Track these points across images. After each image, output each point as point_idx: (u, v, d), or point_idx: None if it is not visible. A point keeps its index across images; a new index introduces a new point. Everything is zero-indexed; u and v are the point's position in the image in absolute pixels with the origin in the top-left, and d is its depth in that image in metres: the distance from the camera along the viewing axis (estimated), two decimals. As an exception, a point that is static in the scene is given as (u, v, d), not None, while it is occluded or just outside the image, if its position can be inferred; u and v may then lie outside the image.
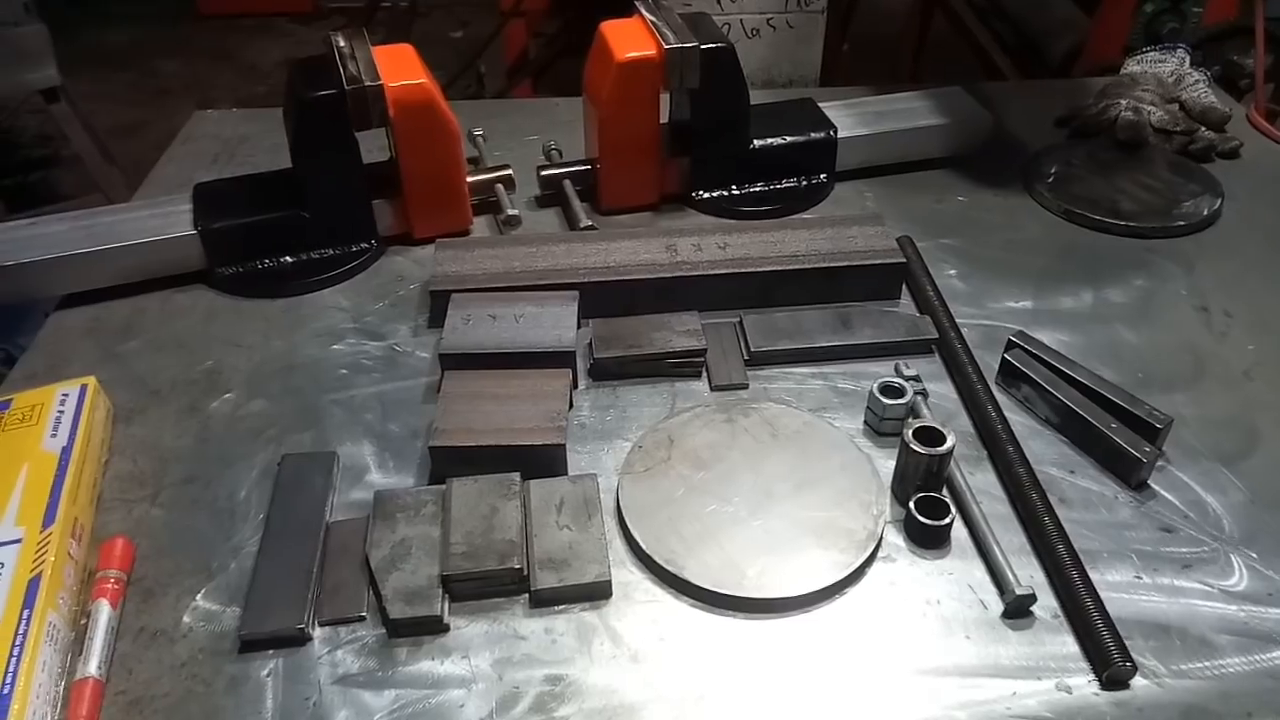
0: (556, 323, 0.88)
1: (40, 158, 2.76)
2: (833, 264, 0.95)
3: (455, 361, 0.85)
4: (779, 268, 0.95)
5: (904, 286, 0.98)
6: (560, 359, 0.85)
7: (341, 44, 1.01)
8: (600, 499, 0.74)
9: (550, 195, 1.14)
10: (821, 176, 1.14)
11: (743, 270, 0.95)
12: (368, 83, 0.94)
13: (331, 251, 1.04)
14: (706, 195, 1.12)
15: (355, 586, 0.70)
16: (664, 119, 1.07)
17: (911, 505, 0.71)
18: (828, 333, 0.91)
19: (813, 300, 0.96)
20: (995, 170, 1.17)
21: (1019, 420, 0.82)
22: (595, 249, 0.98)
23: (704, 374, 0.89)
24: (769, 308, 0.96)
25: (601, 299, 0.94)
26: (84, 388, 0.82)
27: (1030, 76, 1.66)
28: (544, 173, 1.12)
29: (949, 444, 0.71)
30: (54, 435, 0.77)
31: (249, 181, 1.06)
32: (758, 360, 0.90)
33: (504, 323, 0.88)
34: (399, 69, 0.99)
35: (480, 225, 1.11)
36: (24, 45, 2.19)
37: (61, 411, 0.80)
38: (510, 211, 1.05)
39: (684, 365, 0.89)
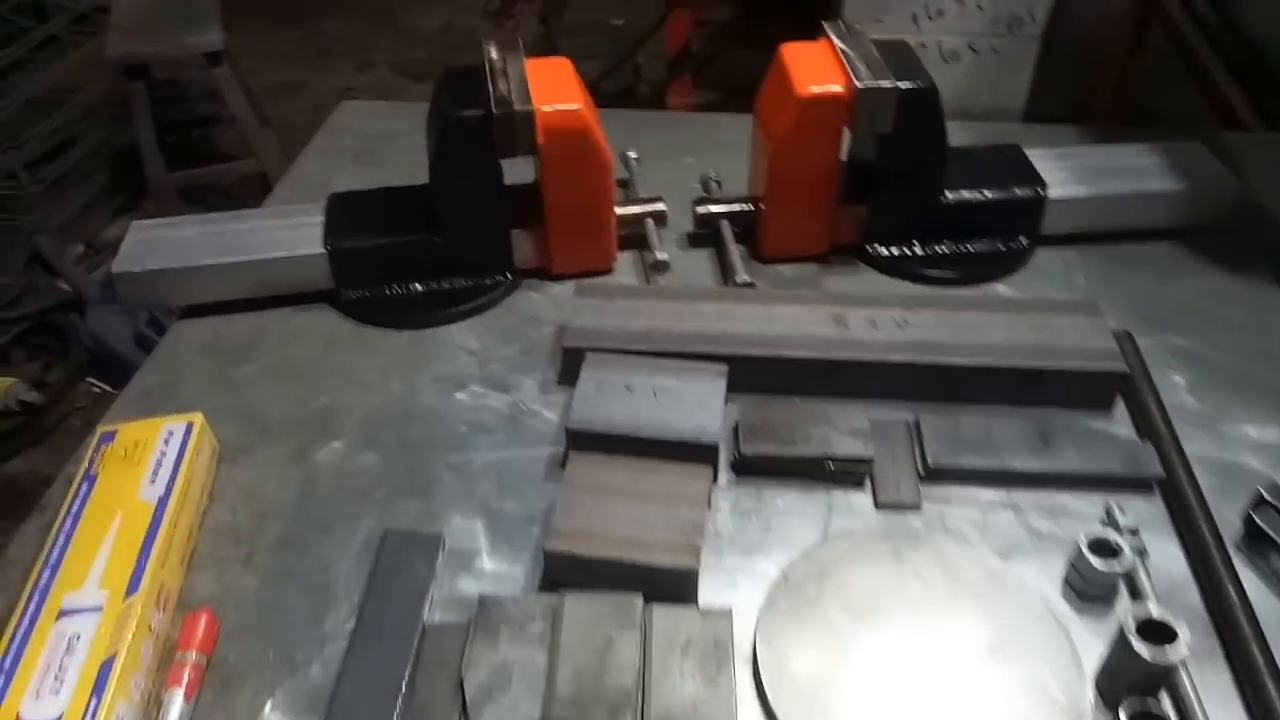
0: (700, 403, 0.77)
1: (204, 115, 2.82)
2: (1036, 364, 0.80)
3: (583, 440, 0.75)
4: (968, 362, 0.81)
5: (1119, 396, 0.82)
6: (701, 453, 0.74)
7: (494, 56, 0.91)
8: (734, 643, 0.62)
9: (705, 235, 1.02)
10: (1022, 240, 0.98)
11: (925, 361, 0.81)
12: (518, 107, 0.84)
13: (464, 282, 0.95)
14: (884, 251, 0.98)
15: (446, 712, 0.61)
16: (842, 155, 0.94)
17: (1123, 716, 0.57)
18: (1023, 450, 0.76)
19: (1005, 400, 0.82)
20: (1238, 249, 0.98)
21: (1268, 604, 0.66)
22: (751, 313, 0.86)
23: (868, 482, 0.76)
24: (951, 402, 0.82)
25: (754, 374, 0.82)
26: (190, 426, 0.76)
27: (1274, 122, 1.43)
28: (700, 209, 1.00)
29: (1182, 652, 0.56)
30: (153, 481, 0.72)
31: (384, 197, 0.98)
32: (935, 475, 0.76)
33: (641, 396, 0.78)
34: (553, 89, 0.88)
35: (624, 261, 1.00)
36: (193, 5, 2.22)
37: (164, 453, 0.74)
38: (659, 256, 0.94)
39: (845, 472, 0.76)
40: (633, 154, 1.10)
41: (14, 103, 2.20)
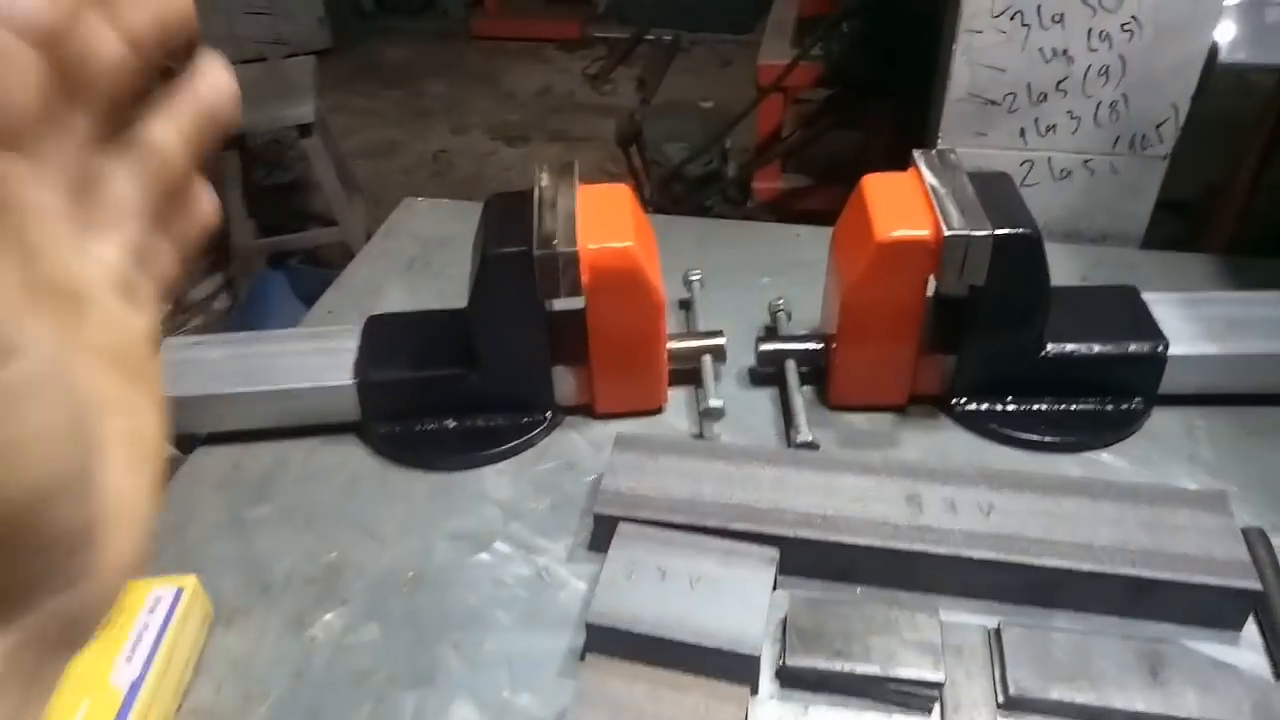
0: (743, 599, 0.67)
1: (295, 180, 2.88)
2: (1147, 573, 0.67)
3: (604, 638, 0.66)
4: (1064, 564, 0.68)
5: (1250, 615, 0.69)
6: (740, 667, 0.63)
7: (545, 183, 0.84)
8: None
9: (769, 374, 0.92)
10: (1136, 401, 0.85)
11: (1012, 560, 0.69)
12: (561, 248, 0.77)
13: (500, 420, 0.87)
14: (971, 406, 0.86)
15: None
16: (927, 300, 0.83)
17: None
18: (1127, 682, 0.63)
19: (1108, 610, 0.69)
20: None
21: None
22: (811, 483, 0.75)
23: (936, 708, 0.65)
24: (1041, 606, 0.70)
25: (809, 557, 0.72)
26: (179, 592, 0.70)
27: None
28: (764, 347, 0.90)
29: None
30: (129, 659, 0.65)
31: (422, 323, 0.92)
32: (1016, 706, 0.64)
33: (675, 585, 0.68)
34: (604, 222, 0.81)
35: (677, 399, 0.91)
36: (289, 77, 2.25)
37: (147, 624, 0.67)
38: (712, 403, 0.84)
39: (909, 695, 0.65)
40: (695, 275, 1.01)
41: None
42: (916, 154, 0.85)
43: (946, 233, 0.75)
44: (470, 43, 4.12)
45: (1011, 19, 0.97)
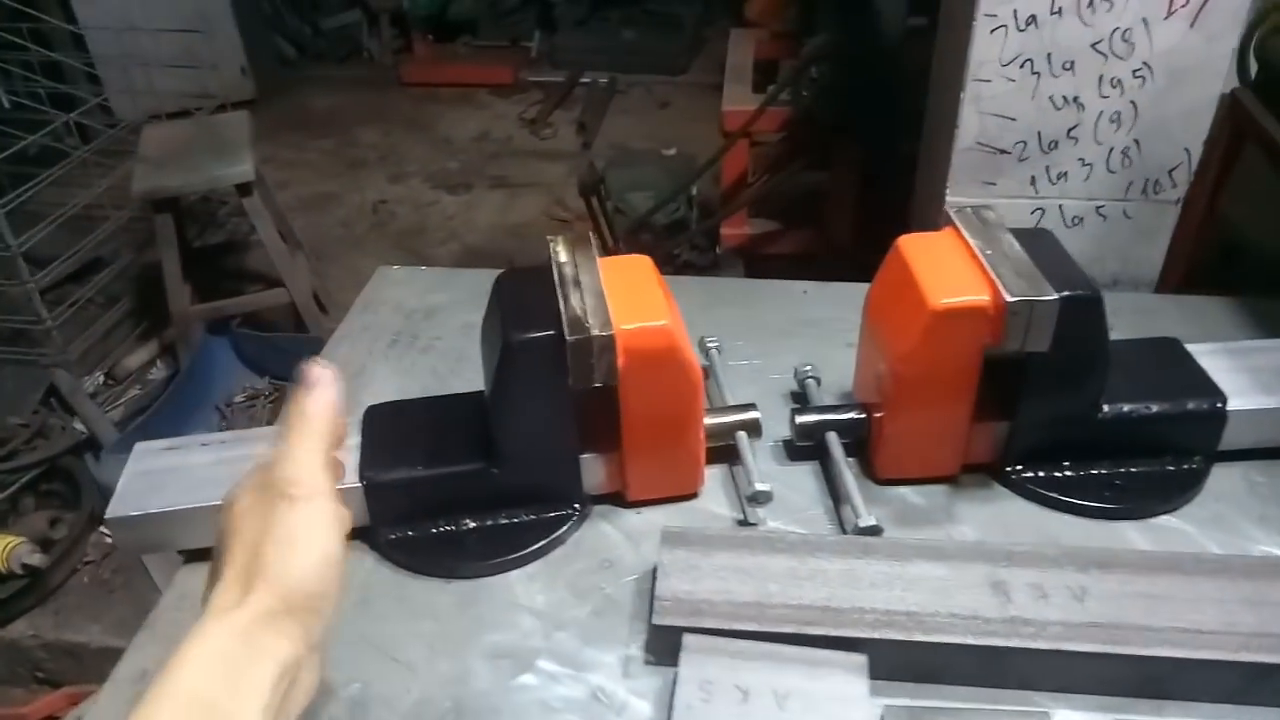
0: (839, 715, 0.60)
1: (232, 240, 2.74)
2: (1263, 657, 0.63)
3: (691, 778, 0.58)
4: (1176, 652, 0.63)
5: (1366, 694, 0.64)
6: (849, 803, 0.56)
7: (563, 258, 0.77)
8: None
9: (808, 448, 0.86)
10: (1195, 460, 0.81)
11: (1117, 650, 0.64)
12: (596, 331, 0.70)
13: (524, 516, 0.79)
14: (1027, 474, 0.82)
15: None
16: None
17: None
18: (1263, 787, 0.58)
19: (1220, 697, 0.64)
20: None
21: None
22: (885, 574, 0.69)
23: (1059, 829, 0.59)
24: (1149, 698, 0.64)
25: (894, 658, 0.66)
26: (186, 755, 0.60)
27: None
28: (801, 420, 0.84)
29: None
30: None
31: (429, 411, 0.84)
32: (1149, 821, 0.58)
33: (761, 705, 0.61)
34: (633, 299, 0.74)
35: (711, 479, 0.84)
36: (223, 134, 2.13)
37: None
38: (760, 487, 0.78)
39: (1032, 817, 0.59)
40: (713, 342, 0.95)
41: (40, 231, 2.11)
42: (952, 213, 0.81)
43: (1009, 299, 0.70)
44: (400, 89, 4.03)
45: (1021, 67, 0.94)
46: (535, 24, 4.21)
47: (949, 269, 0.75)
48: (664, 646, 0.68)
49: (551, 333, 0.71)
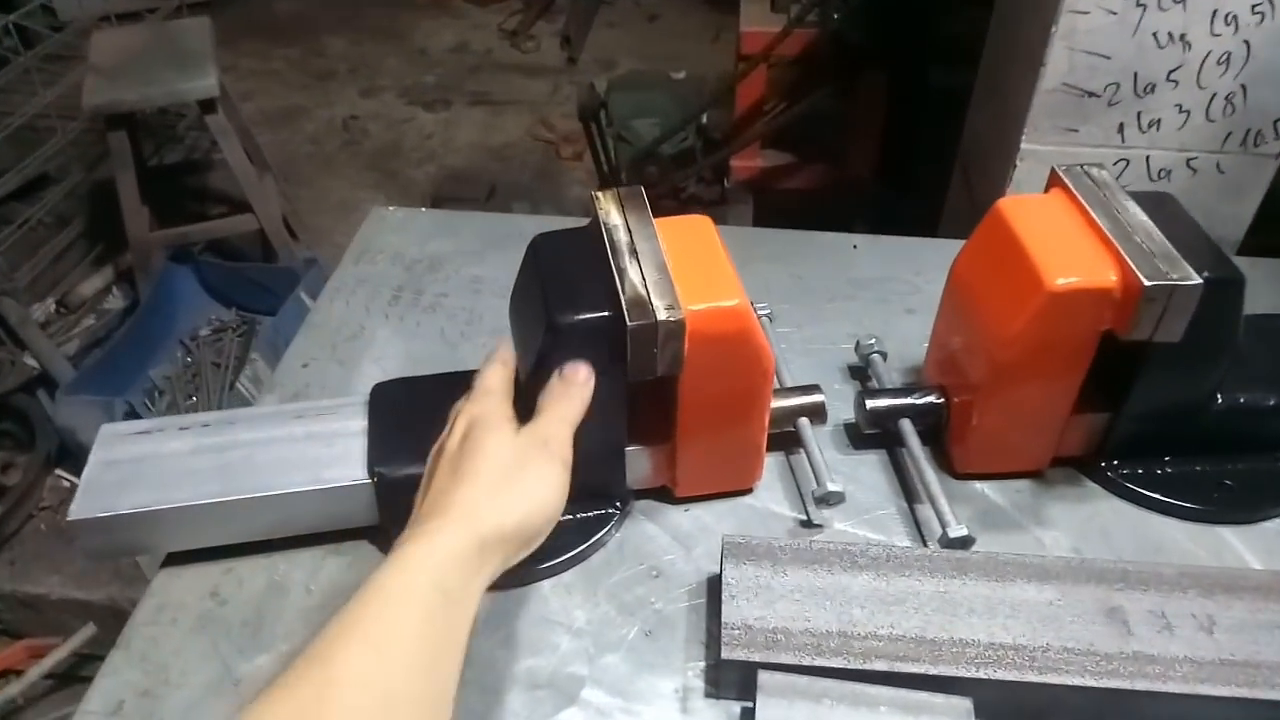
0: (949, 780, 0.51)
1: (193, 159, 2.53)
2: None
3: None
4: (1326, 702, 0.55)
5: None
6: None
7: (613, 219, 0.65)
8: None
9: (876, 436, 0.76)
10: (1311, 458, 0.73)
11: (1256, 695, 0.56)
12: (663, 315, 0.58)
13: (562, 517, 0.69)
14: (1123, 470, 0.73)
15: None
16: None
17: None
18: None
19: (1365, 748, 0.57)
20: None
21: None
22: (985, 598, 0.60)
23: None
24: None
25: (997, 697, 0.57)
26: (179, 827, 0.50)
27: None
28: (872, 404, 0.74)
29: None
30: None
31: (443, 390, 0.71)
32: None
33: (857, 764, 0.52)
34: (700, 271, 0.63)
35: (767, 471, 0.74)
36: (183, 44, 1.94)
37: None
38: (830, 486, 0.68)
39: None
40: (764, 309, 0.84)
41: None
42: (1062, 172, 0.70)
43: (1146, 283, 0.60)
44: (371, -7, 3.76)
45: (1125, -1, 0.82)
46: (514, -74, 3.93)
47: (1065, 241, 0.65)
48: (731, 680, 0.59)
49: (606, 314, 0.59)
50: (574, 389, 0.58)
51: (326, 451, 0.68)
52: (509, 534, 0.51)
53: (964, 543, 0.66)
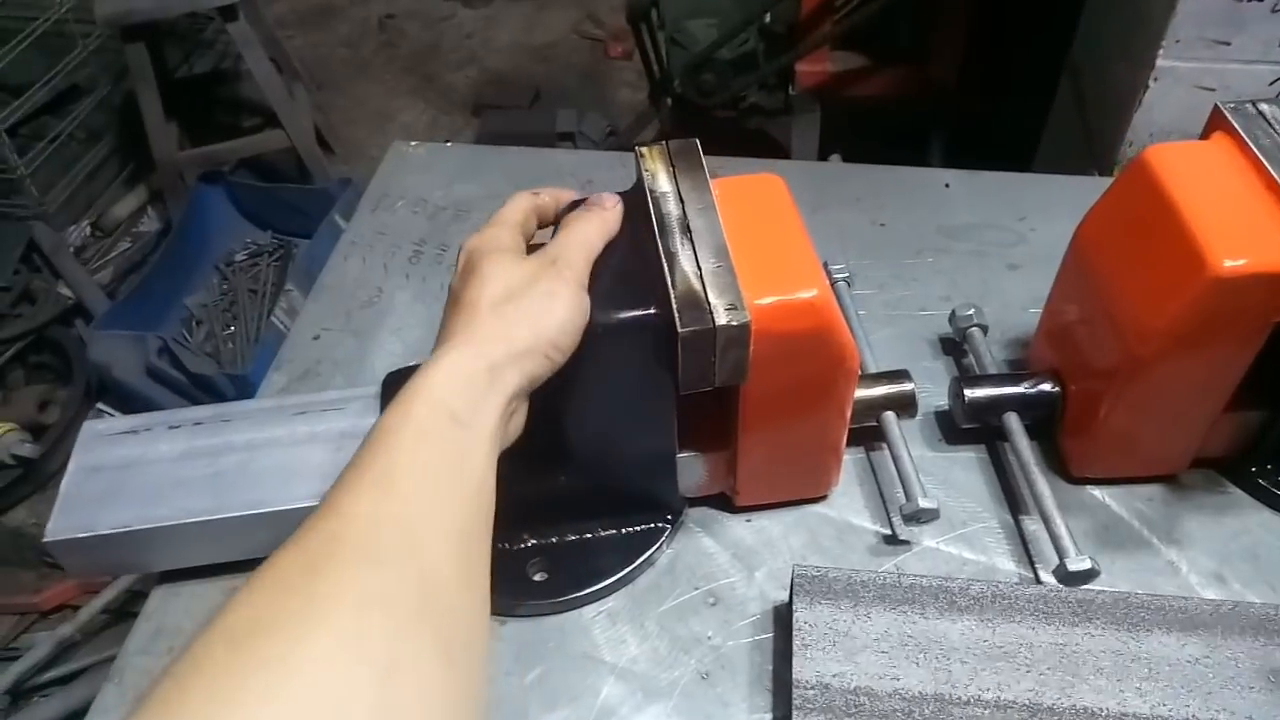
0: None
1: (220, 69, 2.41)
2: None
3: None
4: None
5: None
6: None
7: (662, 185, 0.53)
8: None
9: (974, 430, 0.64)
10: None
11: None
12: (724, 319, 0.47)
13: (601, 532, 0.60)
14: (1277, 475, 0.60)
15: None
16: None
17: None
18: None
19: None
20: None
21: None
22: (1115, 651, 0.50)
23: None
24: None
25: (1130, 781, 0.47)
26: None
27: None
28: (973, 394, 0.62)
29: None
30: None
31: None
32: None
33: None
34: (768, 251, 0.51)
35: (846, 468, 0.63)
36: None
37: None
38: (924, 504, 0.57)
39: None
40: (841, 272, 0.72)
41: (5, 56, 1.81)
42: (1225, 109, 0.55)
43: (1349, 268, 0.46)
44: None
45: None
46: None
47: (1235, 208, 0.51)
48: (807, 743, 0.50)
49: (652, 313, 0.48)
50: (596, 211, 0.52)
51: (333, 457, 0.59)
52: (521, 350, 0.45)
53: (1086, 576, 0.55)
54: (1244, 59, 0.76)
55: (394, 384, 0.61)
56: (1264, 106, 0.56)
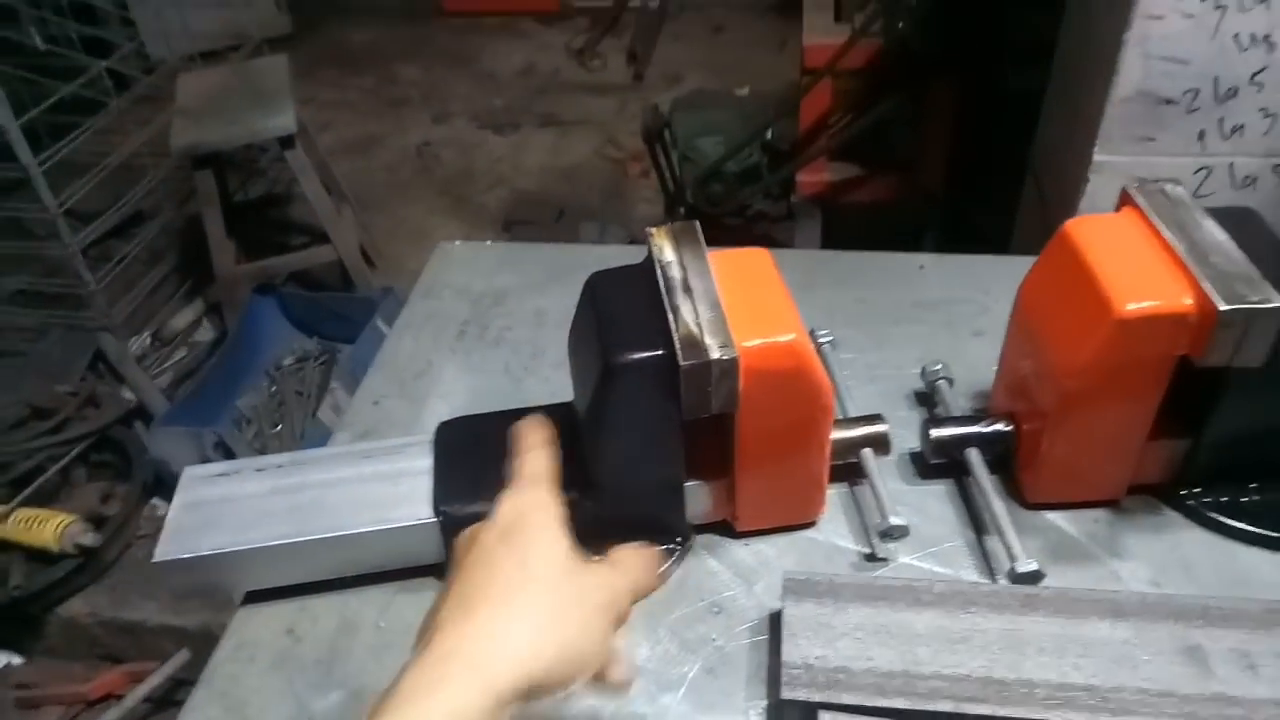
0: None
1: (275, 193, 2.63)
2: None
3: None
4: None
5: None
6: None
7: (668, 256, 0.65)
8: None
9: (943, 466, 0.74)
10: None
11: (1355, 745, 0.53)
12: (716, 354, 0.58)
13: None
14: (1205, 498, 0.70)
15: None
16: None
17: None
18: None
19: None
20: None
21: None
22: (1056, 636, 0.59)
23: None
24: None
25: (1073, 743, 0.55)
26: None
27: None
28: (937, 434, 0.73)
29: None
30: None
31: (506, 427, 0.73)
32: None
33: (922, 811, 0.51)
34: (755, 305, 0.63)
35: (830, 503, 0.73)
36: (261, 83, 2.02)
37: None
38: (894, 521, 0.67)
39: None
40: (826, 336, 0.83)
41: (82, 188, 2.01)
42: (1132, 190, 0.67)
43: (1222, 307, 0.58)
44: (440, 20, 3.85)
45: (1203, 1, 0.79)
46: (578, -54, 3.99)
47: (1136, 263, 0.63)
48: (799, 716, 0.59)
49: (660, 353, 0.60)
50: (650, 563, 0.54)
51: (393, 491, 0.70)
52: (537, 683, 0.43)
53: (1033, 577, 0.64)
54: (1169, 153, 0.89)
55: (446, 432, 0.73)
56: (1167, 186, 0.68)
